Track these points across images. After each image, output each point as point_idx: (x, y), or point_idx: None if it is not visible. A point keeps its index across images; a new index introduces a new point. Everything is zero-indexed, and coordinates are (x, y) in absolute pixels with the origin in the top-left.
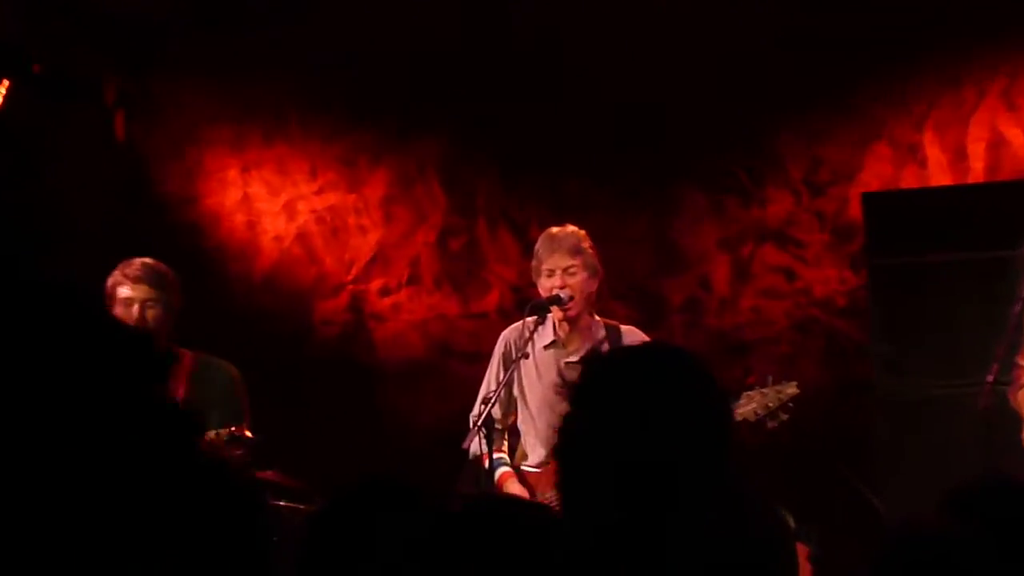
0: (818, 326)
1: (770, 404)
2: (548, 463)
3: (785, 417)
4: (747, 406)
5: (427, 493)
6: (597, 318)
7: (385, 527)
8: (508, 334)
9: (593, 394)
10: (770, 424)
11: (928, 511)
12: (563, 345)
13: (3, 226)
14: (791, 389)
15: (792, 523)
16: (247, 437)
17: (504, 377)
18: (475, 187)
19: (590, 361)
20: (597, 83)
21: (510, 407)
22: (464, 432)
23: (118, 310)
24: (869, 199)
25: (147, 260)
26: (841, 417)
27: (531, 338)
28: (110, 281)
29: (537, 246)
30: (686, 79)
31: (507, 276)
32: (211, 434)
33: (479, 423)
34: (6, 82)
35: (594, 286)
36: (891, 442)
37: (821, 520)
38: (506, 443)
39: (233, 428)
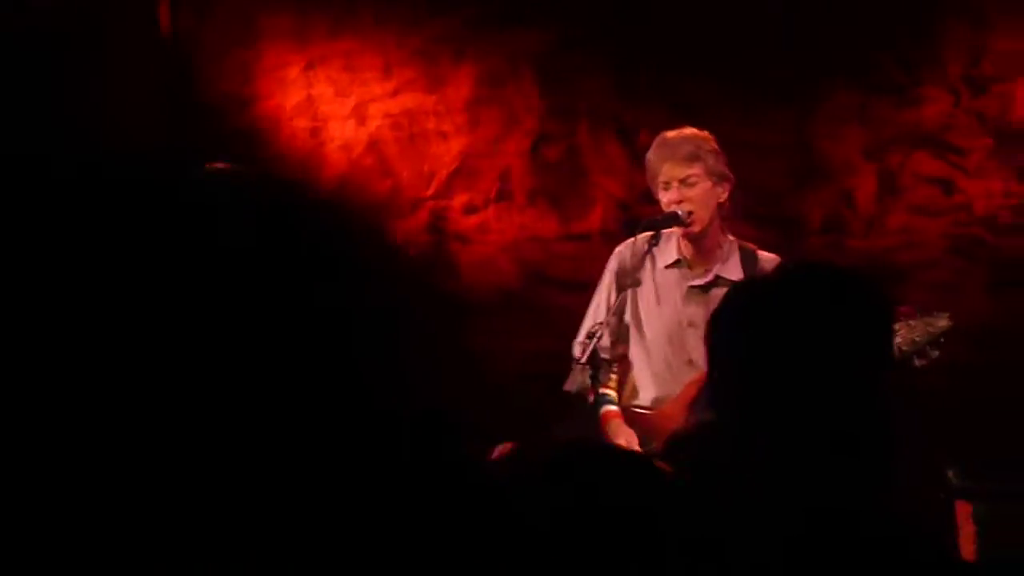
0: (982, 249)
1: (917, 338)
2: (663, 403)
3: (936, 354)
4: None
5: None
6: (731, 237)
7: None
8: (623, 250)
9: (762, 333)
10: (918, 362)
11: None
12: (689, 266)
13: (33, 133)
14: (943, 322)
15: (954, 479)
16: None
17: (615, 300)
18: (576, 86)
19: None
20: None
21: (620, 336)
22: (565, 370)
23: None
24: None
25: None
26: (1012, 356)
27: (647, 257)
28: None
29: (649, 154)
30: None
31: (613, 190)
32: None
33: (584, 359)
34: None
35: (722, 196)
36: None
37: (988, 475)
38: (614, 378)
39: None
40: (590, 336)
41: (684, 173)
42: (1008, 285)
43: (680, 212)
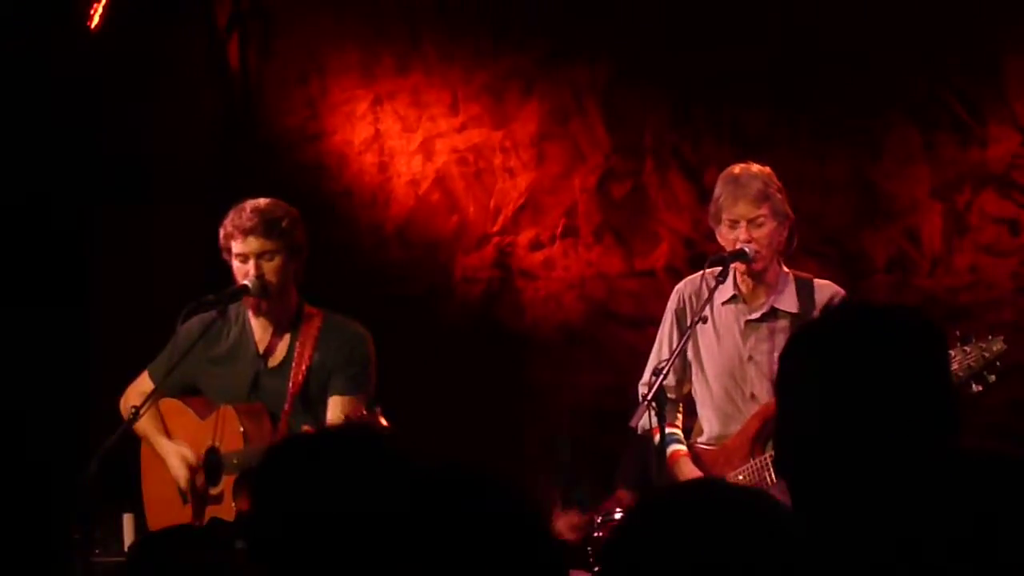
0: None
1: (972, 364)
2: (726, 438)
3: (992, 379)
4: None
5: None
6: (786, 269)
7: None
8: (683, 288)
9: (820, 373)
10: (975, 387)
11: None
12: (745, 300)
13: (99, 168)
14: (998, 345)
15: None
16: (380, 425)
17: (681, 340)
18: (643, 122)
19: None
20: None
21: (685, 375)
22: (629, 408)
23: (235, 265)
24: None
25: (260, 203)
26: None
27: (711, 296)
28: (222, 232)
29: (717, 191)
30: None
31: (679, 227)
32: (334, 411)
33: (649, 396)
34: None
35: (784, 234)
36: None
37: None
38: (679, 417)
39: (365, 413)
40: (656, 373)
41: (754, 213)
42: None
43: (747, 249)
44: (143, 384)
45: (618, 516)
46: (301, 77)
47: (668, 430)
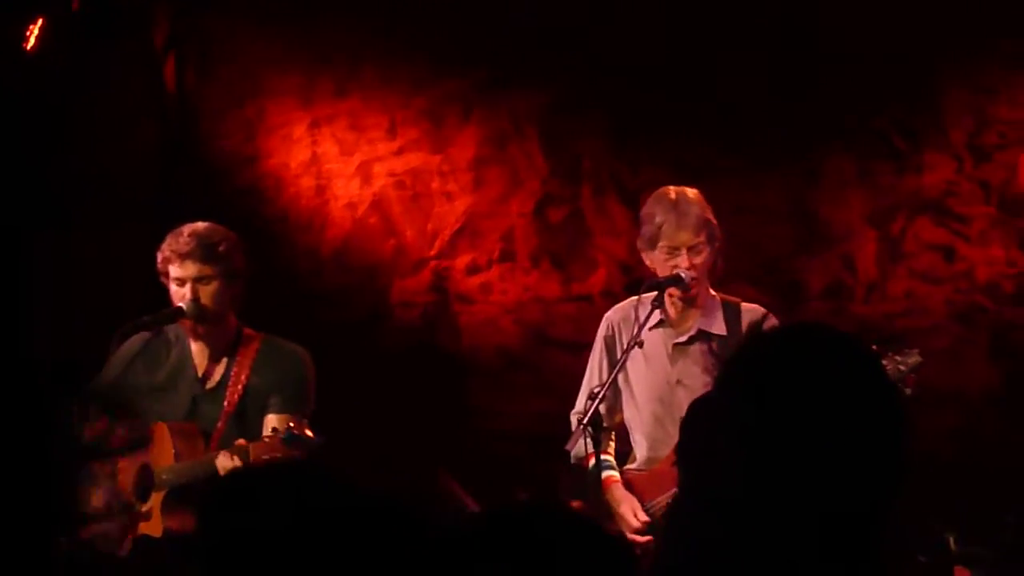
0: (984, 317)
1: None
2: (656, 462)
3: (908, 392)
4: None
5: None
6: (712, 292)
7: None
8: (612, 315)
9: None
10: None
11: None
12: (672, 324)
13: (35, 192)
14: (913, 359)
15: (953, 545)
16: (307, 437)
17: (611, 367)
18: (581, 148)
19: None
20: (729, 26)
21: (616, 402)
22: (565, 433)
23: (172, 289)
24: None
25: (198, 227)
26: (1011, 424)
27: (647, 320)
28: (160, 256)
29: (656, 216)
30: (833, 21)
31: (616, 252)
32: (269, 429)
33: (586, 420)
34: (40, 19)
35: (716, 258)
36: None
37: (990, 542)
38: (612, 444)
39: (292, 424)
40: (592, 398)
41: (694, 240)
42: (1009, 353)
43: (684, 276)
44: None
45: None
46: (238, 100)
47: (602, 457)
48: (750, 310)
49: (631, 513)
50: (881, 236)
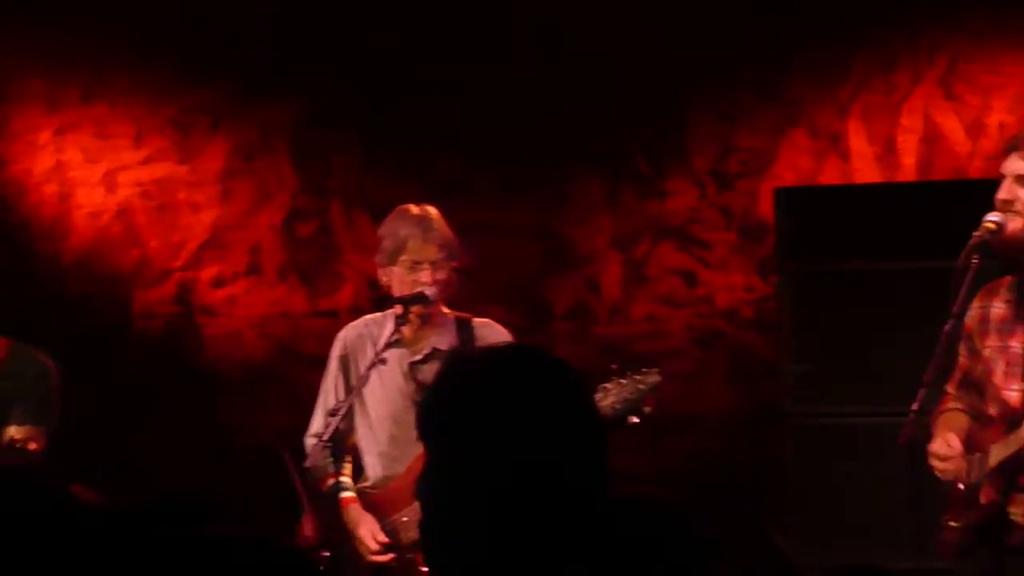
0: (722, 340)
1: (629, 396)
2: (392, 480)
3: (648, 410)
4: (604, 400)
5: None
6: (445, 310)
7: None
8: (346, 334)
9: (446, 413)
10: (631, 420)
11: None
12: (408, 344)
13: None
14: (653, 377)
15: None
16: (27, 449)
17: (347, 387)
18: (330, 162)
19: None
20: (480, 45)
21: (352, 422)
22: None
23: None
24: (782, 195)
25: None
26: (748, 446)
27: (390, 338)
28: None
29: (400, 230)
30: (582, 44)
31: (364, 268)
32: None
33: (325, 437)
34: None
35: (454, 276)
36: (803, 476)
37: (723, 561)
38: (349, 465)
39: (16, 437)
40: (332, 414)
41: (437, 256)
42: (745, 377)
43: (428, 292)
44: None
45: None
46: None
47: (341, 478)
48: (482, 325)
49: (369, 536)
50: (626, 259)
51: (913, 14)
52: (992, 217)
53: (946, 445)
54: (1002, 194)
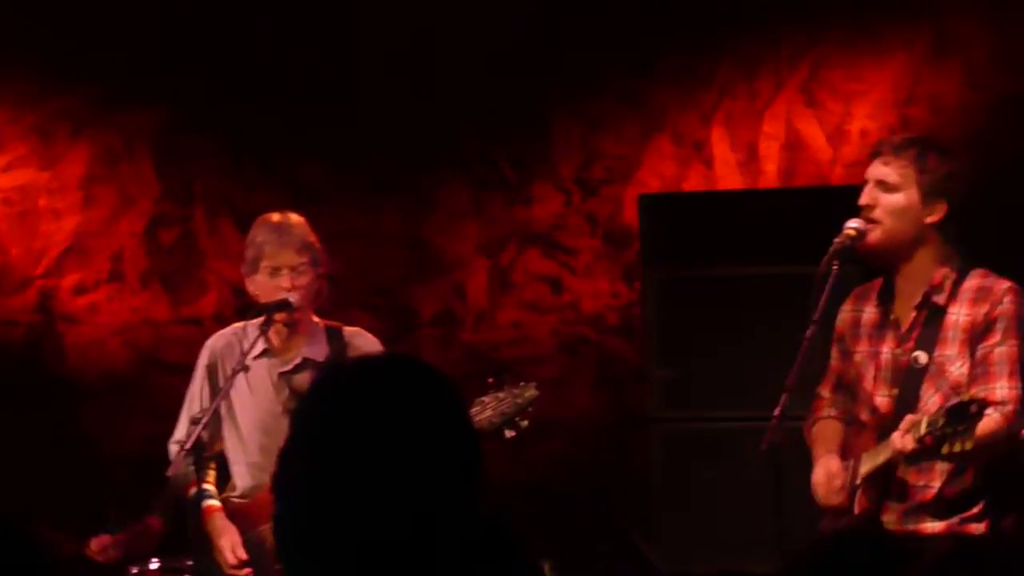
0: (588, 346)
1: (506, 410)
2: (260, 490)
3: (525, 424)
4: (482, 414)
5: None
6: (316, 319)
7: None
8: (214, 343)
9: (315, 426)
10: (508, 433)
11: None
12: (278, 353)
13: None
14: (530, 392)
15: (549, 573)
16: None
17: (213, 396)
18: (193, 169)
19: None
20: (342, 50)
21: (218, 431)
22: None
23: None
24: (646, 201)
25: None
26: (614, 451)
27: (253, 346)
28: None
29: (258, 237)
30: (447, 48)
31: (228, 275)
32: None
33: (188, 445)
34: None
35: (321, 284)
36: (668, 481)
37: (586, 569)
38: (213, 473)
39: None
40: (195, 422)
41: (297, 261)
42: (611, 383)
43: (291, 299)
44: None
45: None
46: None
47: (204, 486)
48: (353, 334)
49: (229, 548)
50: (492, 266)
51: (775, 21)
52: (853, 224)
53: (826, 475)
54: (863, 199)
